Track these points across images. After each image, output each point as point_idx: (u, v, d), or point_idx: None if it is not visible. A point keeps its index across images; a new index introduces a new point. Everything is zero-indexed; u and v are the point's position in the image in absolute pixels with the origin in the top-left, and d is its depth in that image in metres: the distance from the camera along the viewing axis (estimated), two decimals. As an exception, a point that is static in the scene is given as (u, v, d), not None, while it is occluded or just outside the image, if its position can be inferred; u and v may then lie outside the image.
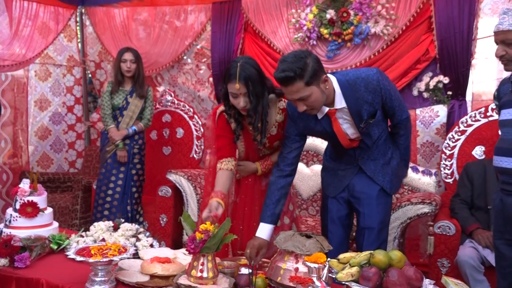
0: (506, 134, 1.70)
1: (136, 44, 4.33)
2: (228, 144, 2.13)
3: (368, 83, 1.91)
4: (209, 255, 1.63)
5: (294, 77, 1.76)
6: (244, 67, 1.96)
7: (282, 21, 3.83)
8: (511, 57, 1.63)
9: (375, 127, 2.00)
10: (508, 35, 1.60)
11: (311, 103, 1.84)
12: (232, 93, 1.98)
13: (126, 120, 3.53)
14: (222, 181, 2.05)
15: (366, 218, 2.08)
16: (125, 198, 3.50)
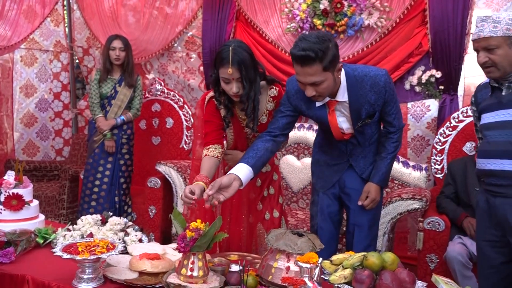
0: (491, 137, 1.72)
1: (125, 30, 4.24)
2: (216, 130, 2.04)
3: (375, 83, 1.87)
4: (200, 254, 1.60)
5: (314, 58, 1.68)
6: (237, 51, 1.86)
7: (275, 10, 3.77)
8: (494, 62, 1.65)
9: (369, 127, 1.99)
10: (490, 41, 1.63)
11: (322, 89, 1.77)
12: (224, 78, 1.90)
13: (115, 110, 3.46)
14: (207, 167, 1.95)
15: (357, 215, 2.07)
16: (113, 189, 3.45)
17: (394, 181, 3.15)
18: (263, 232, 2.25)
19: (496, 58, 1.64)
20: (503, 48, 1.62)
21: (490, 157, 1.70)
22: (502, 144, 1.68)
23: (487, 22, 1.65)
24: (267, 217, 2.28)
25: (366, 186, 2.03)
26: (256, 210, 2.27)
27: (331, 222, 2.15)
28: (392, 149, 2.02)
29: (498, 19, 1.62)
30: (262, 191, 2.27)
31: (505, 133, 1.67)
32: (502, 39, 1.62)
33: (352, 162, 2.07)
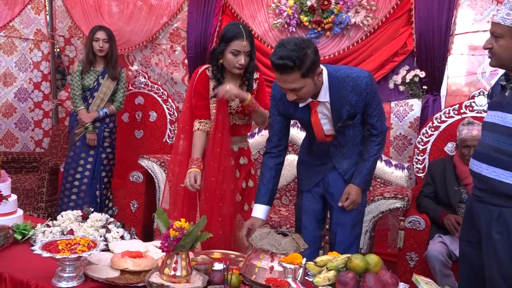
0: (484, 137, 1.69)
1: (108, 21, 4.15)
2: (206, 104, 2.23)
3: (357, 84, 1.90)
4: (183, 253, 1.59)
5: (292, 67, 1.72)
6: (246, 28, 2.17)
7: (261, 5, 3.74)
8: (495, 52, 1.54)
9: (351, 129, 2.01)
10: (497, 28, 1.52)
11: (302, 94, 1.83)
12: (235, 51, 2.11)
13: (97, 102, 3.40)
14: (200, 144, 2.21)
15: (340, 214, 2.09)
16: (94, 182, 3.39)
17: (377, 180, 3.18)
18: (242, 222, 2.28)
19: (497, 48, 1.54)
20: (506, 39, 1.50)
21: (475, 158, 1.68)
22: (486, 147, 1.64)
23: (505, 7, 1.51)
24: (246, 208, 2.33)
25: (347, 188, 2.04)
26: (235, 202, 2.32)
27: (314, 221, 2.16)
28: (374, 151, 2.03)
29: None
30: (240, 183, 2.33)
31: (492, 137, 1.62)
32: (508, 29, 1.49)
33: (335, 163, 2.08)
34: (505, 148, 1.56)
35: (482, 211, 1.66)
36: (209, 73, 2.25)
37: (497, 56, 1.55)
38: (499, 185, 1.58)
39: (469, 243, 1.76)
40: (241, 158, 2.35)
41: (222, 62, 2.20)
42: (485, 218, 1.64)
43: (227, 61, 2.16)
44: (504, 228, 1.57)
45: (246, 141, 2.41)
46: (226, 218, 2.28)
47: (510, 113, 1.55)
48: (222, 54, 2.17)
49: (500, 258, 1.58)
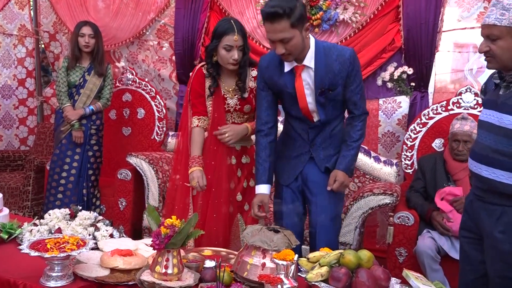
0: (480, 137, 1.66)
1: (93, 16, 4.09)
2: (202, 101, 2.24)
3: (341, 54, 1.98)
4: (174, 251, 1.57)
5: (282, 14, 1.80)
6: (238, 22, 2.17)
7: (250, 2, 3.71)
8: (494, 54, 1.51)
9: (332, 107, 2.04)
10: (493, 30, 1.48)
11: (290, 46, 1.87)
12: (228, 46, 2.11)
13: (83, 99, 3.35)
14: (199, 140, 2.22)
15: (319, 208, 2.10)
16: (81, 181, 3.34)
17: (366, 176, 3.20)
18: (242, 223, 2.28)
19: (496, 50, 1.50)
20: (505, 39, 1.47)
21: (474, 158, 1.66)
22: (484, 148, 1.61)
23: (496, 7, 1.47)
24: (246, 208, 2.31)
25: (333, 172, 2.07)
26: (236, 201, 2.31)
27: (295, 216, 2.17)
28: (357, 136, 2.07)
29: (509, 6, 1.45)
30: (241, 182, 2.31)
31: (488, 137, 1.59)
32: (506, 30, 1.45)
33: (313, 152, 2.10)
34: (503, 149, 1.54)
35: (483, 210, 1.64)
36: (205, 71, 2.25)
37: (497, 58, 1.51)
38: (499, 186, 1.56)
39: (469, 239, 1.74)
40: (243, 156, 2.32)
41: (217, 59, 2.19)
42: (486, 217, 1.62)
43: (221, 58, 2.16)
44: (506, 227, 1.56)
45: (249, 140, 2.36)
46: (221, 215, 2.27)
47: (506, 114, 1.53)
48: (215, 51, 2.17)
49: (503, 257, 1.57)
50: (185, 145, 2.32)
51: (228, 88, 2.25)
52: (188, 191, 2.29)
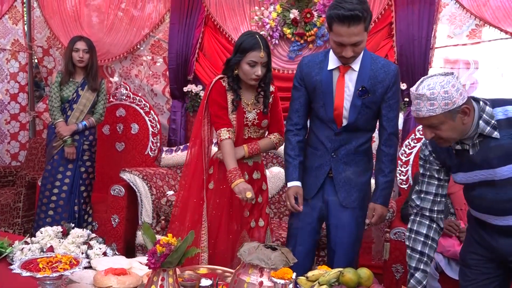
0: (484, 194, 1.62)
1: (87, 32, 4.08)
2: (227, 113, 2.17)
3: (387, 64, 2.02)
4: (170, 270, 1.54)
5: (360, 17, 1.80)
6: (263, 38, 2.13)
7: (244, 18, 3.74)
8: (441, 136, 1.54)
9: (364, 116, 2.01)
10: (432, 120, 1.51)
11: (359, 49, 1.90)
12: (252, 62, 2.08)
13: (76, 114, 3.32)
14: (233, 152, 2.13)
15: (338, 231, 2.07)
16: (73, 197, 3.29)
17: (361, 191, 3.19)
18: (248, 240, 2.22)
19: (442, 134, 1.53)
20: (447, 123, 1.50)
21: (491, 214, 1.64)
22: (496, 203, 1.60)
23: (422, 101, 1.49)
24: (253, 225, 2.26)
25: (371, 205, 2.06)
26: (242, 217, 2.26)
27: (310, 234, 2.13)
28: (394, 166, 2.09)
29: (433, 96, 1.47)
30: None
31: (494, 192, 1.58)
32: (443, 116, 1.49)
33: (333, 164, 2.05)
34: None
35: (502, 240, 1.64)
36: (224, 84, 2.19)
37: (449, 138, 1.55)
38: None
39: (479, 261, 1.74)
40: (255, 172, 2.27)
41: (238, 73, 2.16)
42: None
43: (243, 72, 2.12)
44: None
45: (260, 155, 2.34)
46: (233, 233, 2.23)
47: (497, 167, 1.54)
48: (237, 65, 2.13)
49: None
50: (200, 157, 2.24)
51: (247, 102, 2.21)
52: (201, 207, 2.22)
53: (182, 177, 2.35)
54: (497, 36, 3.24)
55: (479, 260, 1.74)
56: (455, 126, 1.51)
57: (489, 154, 1.55)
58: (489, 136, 1.54)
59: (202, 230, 2.20)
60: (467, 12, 3.28)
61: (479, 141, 1.56)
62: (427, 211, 1.78)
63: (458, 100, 1.48)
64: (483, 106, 1.55)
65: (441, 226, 1.79)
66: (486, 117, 1.54)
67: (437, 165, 1.74)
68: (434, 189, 1.76)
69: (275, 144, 2.29)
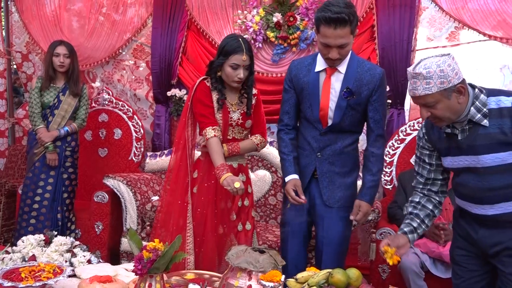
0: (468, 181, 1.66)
1: (68, 36, 4.03)
2: (212, 112, 2.18)
3: (373, 68, 2.06)
4: (158, 276, 1.51)
5: (347, 20, 1.85)
6: (246, 41, 2.15)
7: (227, 21, 3.74)
8: (438, 116, 1.58)
9: (349, 117, 2.04)
10: (427, 99, 1.54)
11: (345, 52, 1.95)
12: (235, 65, 2.10)
13: (58, 120, 3.25)
14: (220, 150, 2.13)
15: (324, 230, 2.09)
16: (55, 205, 3.22)
17: (346, 193, 3.20)
18: (235, 244, 2.21)
19: (438, 112, 1.56)
20: (442, 101, 1.53)
21: (471, 201, 1.68)
22: (476, 190, 1.64)
23: (418, 79, 1.53)
24: (240, 228, 2.26)
25: (357, 202, 2.07)
26: (229, 220, 2.25)
27: (299, 235, 2.15)
28: (381, 166, 2.13)
29: (429, 74, 1.51)
30: (237, 201, 2.26)
31: (477, 179, 1.62)
32: (439, 94, 1.52)
33: (318, 164, 2.08)
34: (498, 185, 1.58)
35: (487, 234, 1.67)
36: (208, 84, 2.20)
37: (442, 117, 1.57)
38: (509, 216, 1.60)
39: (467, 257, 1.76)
40: (240, 174, 2.27)
41: (220, 75, 2.18)
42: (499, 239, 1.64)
43: (226, 75, 2.14)
44: None
45: (245, 157, 2.34)
46: (218, 236, 2.22)
47: (481, 154, 1.57)
48: (220, 67, 2.15)
49: None
50: (184, 160, 2.23)
51: (232, 102, 2.23)
52: (185, 211, 2.21)
53: (166, 181, 2.32)
54: (476, 38, 3.31)
55: (465, 255, 1.76)
56: (450, 105, 1.54)
57: (476, 141, 1.58)
58: (478, 124, 1.57)
59: (188, 232, 2.19)
60: (447, 15, 3.35)
61: (469, 127, 1.60)
62: (419, 189, 1.86)
63: (454, 79, 1.51)
64: (477, 93, 1.59)
65: (438, 200, 1.83)
66: (478, 104, 1.57)
67: (428, 149, 1.78)
68: (426, 173, 1.82)
69: (256, 145, 2.30)
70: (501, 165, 1.56)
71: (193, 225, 2.21)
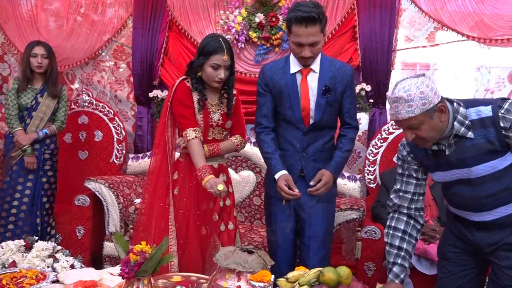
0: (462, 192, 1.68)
1: (45, 37, 3.93)
2: (193, 112, 2.16)
3: (344, 66, 2.15)
4: (145, 279, 1.48)
5: (316, 19, 1.94)
6: (227, 41, 2.14)
7: (209, 22, 3.72)
8: (422, 136, 1.58)
9: (328, 114, 2.11)
10: (412, 121, 1.54)
11: (317, 50, 2.02)
12: (216, 65, 2.09)
13: (36, 122, 3.17)
14: (201, 152, 2.12)
15: (312, 225, 2.11)
16: (34, 209, 3.14)
17: (330, 192, 3.22)
18: (219, 244, 2.19)
19: (422, 133, 1.57)
20: (426, 122, 1.54)
21: (468, 210, 1.70)
22: (473, 199, 1.66)
23: (400, 103, 1.53)
24: (222, 228, 2.24)
25: (322, 171, 2.11)
26: (212, 221, 2.23)
27: (287, 232, 2.17)
28: (350, 146, 2.19)
29: (410, 97, 1.51)
30: (218, 202, 2.24)
31: (471, 189, 1.64)
32: (422, 115, 1.52)
33: (303, 163, 2.12)
34: (493, 191, 1.61)
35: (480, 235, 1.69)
36: (188, 84, 2.18)
37: (428, 138, 1.58)
38: (506, 218, 1.63)
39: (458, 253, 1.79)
40: (220, 174, 2.26)
41: (201, 75, 2.16)
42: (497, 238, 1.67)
43: (207, 75, 2.13)
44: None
45: (225, 157, 2.34)
46: (201, 238, 2.20)
47: (473, 166, 1.59)
48: (201, 67, 2.14)
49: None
50: (164, 161, 2.21)
51: (212, 102, 2.21)
52: (167, 213, 2.18)
53: (146, 183, 2.29)
54: (454, 38, 3.38)
55: (457, 252, 1.79)
56: (434, 124, 1.55)
57: (464, 153, 1.60)
58: (464, 136, 1.59)
59: (170, 235, 2.16)
60: (426, 15, 3.40)
61: (454, 141, 1.61)
62: (405, 208, 1.80)
63: (434, 99, 1.52)
64: (457, 107, 1.60)
65: (421, 222, 1.83)
66: (460, 118, 1.59)
67: (415, 165, 1.78)
68: (412, 188, 1.79)
69: (236, 146, 2.29)
70: (494, 173, 1.59)
71: (176, 227, 2.18)
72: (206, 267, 2.18)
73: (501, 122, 1.53)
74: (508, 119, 1.53)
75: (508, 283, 1.62)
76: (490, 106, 1.57)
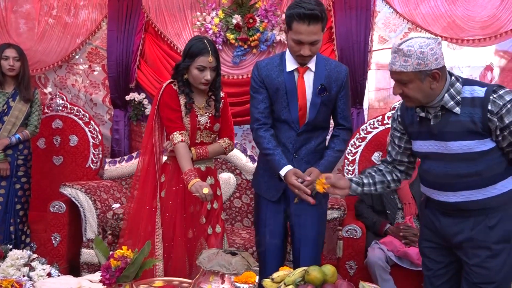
0: (431, 167, 1.70)
1: (16, 40, 3.83)
2: (180, 116, 2.15)
3: (339, 65, 2.12)
4: (127, 285, 1.45)
5: (319, 17, 1.88)
6: (212, 43, 2.14)
7: (186, 23, 3.69)
8: (408, 95, 1.61)
9: (322, 113, 2.07)
10: (402, 76, 1.57)
11: (316, 49, 1.98)
12: (201, 67, 2.08)
13: (8, 127, 3.07)
14: (188, 155, 2.10)
15: (302, 229, 2.08)
16: (8, 217, 3.04)
17: (311, 192, 3.23)
18: (206, 247, 2.16)
19: (408, 92, 1.59)
20: (414, 82, 1.56)
21: (435, 188, 1.71)
22: (442, 177, 1.67)
23: (398, 55, 1.56)
24: (210, 231, 2.22)
25: (311, 168, 2.01)
26: (199, 224, 2.20)
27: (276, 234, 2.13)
28: (343, 147, 2.15)
29: (409, 53, 1.53)
30: (205, 205, 2.21)
31: (442, 166, 1.65)
32: (413, 74, 1.54)
33: (296, 164, 2.05)
34: (463, 172, 1.61)
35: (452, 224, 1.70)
36: (175, 87, 2.16)
37: (412, 98, 1.61)
38: (472, 204, 1.64)
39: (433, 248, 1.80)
40: (208, 177, 2.23)
41: (187, 78, 2.14)
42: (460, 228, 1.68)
43: (193, 77, 2.12)
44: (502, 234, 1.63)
45: (213, 160, 2.31)
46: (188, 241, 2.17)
47: (450, 141, 1.61)
48: (187, 70, 2.12)
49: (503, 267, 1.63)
50: (152, 164, 2.19)
51: (199, 105, 2.19)
52: (154, 217, 2.15)
53: (132, 187, 2.25)
54: (428, 38, 3.45)
55: (432, 248, 1.81)
56: (422, 87, 1.57)
57: (446, 127, 1.62)
58: (451, 111, 1.61)
59: (156, 238, 2.14)
60: (400, 16, 3.46)
61: (441, 114, 1.63)
62: (386, 162, 1.95)
63: (431, 64, 1.53)
64: (453, 81, 1.62)
65: (400, 178, 1.91)
66: (453, 91, 1.60)
67: (399, 132, 1.84)
68: (394, 154, 1.90)
69: (224, 149, 2.27)
70: (467, 153, 1.60)
71: (162, 230, 2.15)
72: (193, 271, 2.15)
73: (490, 105, 1.55)
74: (497, 104, 1.55)
75: (478, 280, 1.64)
76: (485, 88, 1.59)
